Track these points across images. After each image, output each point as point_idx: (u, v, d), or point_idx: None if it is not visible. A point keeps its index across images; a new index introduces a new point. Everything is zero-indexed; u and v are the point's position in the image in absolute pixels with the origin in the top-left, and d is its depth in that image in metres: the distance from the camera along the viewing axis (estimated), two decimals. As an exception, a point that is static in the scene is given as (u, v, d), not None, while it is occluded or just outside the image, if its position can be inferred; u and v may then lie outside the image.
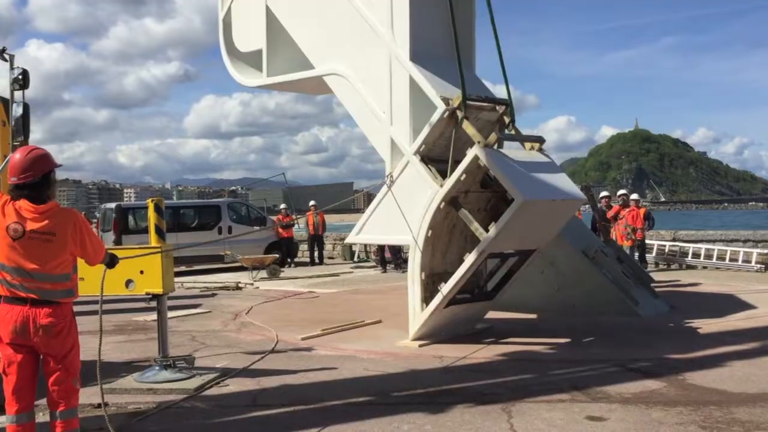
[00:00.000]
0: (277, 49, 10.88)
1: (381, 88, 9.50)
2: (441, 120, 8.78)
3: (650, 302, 11.65)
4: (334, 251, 25.80)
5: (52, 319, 4.50)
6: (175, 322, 11.06)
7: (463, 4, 9.76)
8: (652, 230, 19.12)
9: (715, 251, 18.85)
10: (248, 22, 11.13)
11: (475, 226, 8.58)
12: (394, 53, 9.28)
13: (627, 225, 17.32)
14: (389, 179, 9.40)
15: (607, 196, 18.56)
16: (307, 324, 10.95)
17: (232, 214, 22.68)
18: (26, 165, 4.58)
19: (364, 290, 15.91)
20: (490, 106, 9.24)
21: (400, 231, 9.28)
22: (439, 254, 9.24)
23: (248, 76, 11.49)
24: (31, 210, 4.53)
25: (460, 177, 8.57)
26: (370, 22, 9.56)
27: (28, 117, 6.68)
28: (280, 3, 10.73)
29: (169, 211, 18.71)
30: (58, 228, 4.56)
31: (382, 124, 9.53)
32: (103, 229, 21.23)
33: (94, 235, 4.87)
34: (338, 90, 10.16)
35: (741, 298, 12.85)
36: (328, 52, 10.20)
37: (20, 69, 6.74)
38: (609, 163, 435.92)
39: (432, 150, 9.11)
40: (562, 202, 8.88)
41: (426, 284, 9.10)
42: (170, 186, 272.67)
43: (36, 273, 4.49)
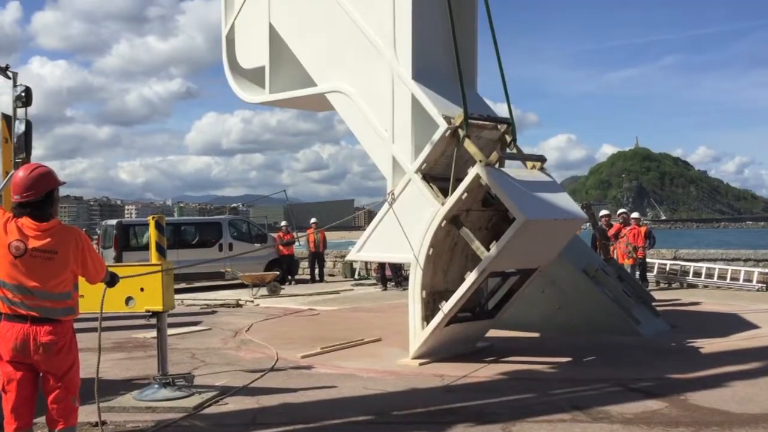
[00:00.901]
0: (279, 66, 10.93)
1: (383, 106, 9.53)
2: (443, 138, 8.80)
3: (651, 321, 11.62)
4: (334, 269, 25.76)
5: (52, 336, 4.49)
6: (175, 340, 11.03)
7: (465, 23, 9.81)
8: (653, 249, 19.10)
9: (716, 270, 18.81)
10: (251, 39, 11.19)
11: (476, 245, 8.58)
12: (397, 71, 9.32)
13: (628, 243, 17.30)
14: (391, 197, 9.41)
15: (607, 215, 18.55)
16: (307, 342, 10.92)
17: (233, 231, 22.68)
18: (29, 183, 4.59)
19: (365, 308, 15.87)
20: (491, 125, 9.26)
21: (401, 249, 9.27)
22: (440, 272, 9.23)
23: (251, 92, 11.54)
24: (33, 228, 4.53)
25: (461, 195, 8.58)
26: (372, 40, 9.61)
27: (31, 134, 6.71)
28: (284, 20, 10.79)
29: (170, 228, 18.76)
30: (60, 246, 4.56)
31: (384, 141, 9.54)
32: (103, 245, 21.22)
33: (96, 254, 4.87)
34: (340, 107, 10.19)
35: (743, 318, 12.81)
36: (330, 69, 10.24)
37: (23, 86, 6.78)
38: (609, 182, 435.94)
39: (433, 168, 9.12)
40: (563, 221, 8.88)
41: (427, 302, 9.08)
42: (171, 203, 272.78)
43: (37, 291, 4.49)
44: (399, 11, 9.30)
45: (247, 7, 11.30)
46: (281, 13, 10.82)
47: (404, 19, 9.25)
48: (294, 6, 10.69)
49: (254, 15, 11.16)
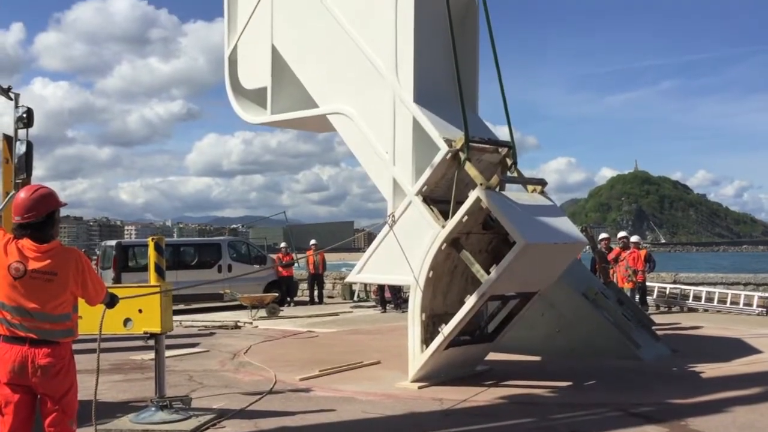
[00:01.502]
0: (281, 87, 10.98)
1: (384, 129, 9.56)
2: (443, 161, 8.82)
3: (651, 345, 11.57)
4: (333, 290, 25.69)
5: (50, 359, 4.46)
6: (173, 362, 10.97)
7: (467, 47, 9.87)
8: (653, 272, 19.06)
9: (716, 294, 18.77)
10: (254, 60, 11.26)
11: (476, 268, 8.56)
12: (398, 94, 9.36)
13: (628, 267, 17.27)
14: (391, 219, 9.40)
15: (606, 238, 18.54)
16: (305, 364, 10.86)
17: (232, 253, 22.65)
18: (30, 204, 4.58)
19: (364, 330, 15.81)
20: (492, 148, 9.29)
21: (401, 271, 9.26)
22: (440, 295, 9.20)
23: (252, 113, 11.59)
24: (33, 249, 4.52)
25: (462, 218, 8.58)
26: (374, 63, 9.66)
27: (31, 155, 6.72)
28: (287, 42, 10.86)
29: (169, 249, 18.71)
30: (60, 268, 4.55)
31: (385, 164, 9.56)
32: (102, 266, 21.18)
33: (96, 276, 4.85)
34: (342, 129, 10.22)
35: (744, 343, 12.77)
36: (332, 91, 10.29)
37: (25, 108, 6.79)
38: (609, 205, 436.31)
39: (434, 191, 9.13)
40: (563, 245, 8.87)
41: (426, 325, 9.05)
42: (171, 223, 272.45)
43: (36, 312, 4.46)
44: (401, 34, 9.37)
45: (250, 28, 11.38)
46: (284, 34, 10.89)
47: (406, 42, 9.31)
48: (297, 28, 10.77)
49: (257, 36, 11.23)
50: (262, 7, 11.18)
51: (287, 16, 10.89)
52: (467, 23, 10.08)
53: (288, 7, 10.88)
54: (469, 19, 10.11)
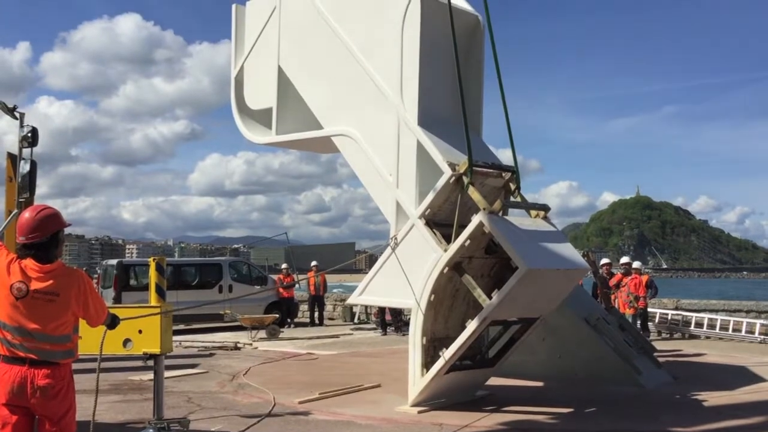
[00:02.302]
0: (286, 108, 11.04)
1: (388, 151, 9.58)
2: (447, 185, 8.83)
3: (653, 372, 11.49)
4: (334, 312, 25.61)
5: (50, 380, 4.43)
6: (172, 383, 10.91)
7: (472, 72, 9.93)
8: (655, 298, 19.00)
9: (718, 321, 18.67)
10: (260, 81, 11.34)
11: (478, 293, 8.53)
12: (403, 117, 9.39)
13: (629, 293, 17.22)
14: (393, 241, 9.40)
15: (608, 264, 18.50)
16: (305, 387, 10.80)
17: (233, 273, 22.59)
18: (35, 225, 4.57)
19: (364, 353, 15.73)
20: (496, 172, 9.30)
21: (402, 294, 9.23)
22: (441, 319, 9.16)
23: (257, 133, 11.65)
24: (36, 269, 4.50)
25: (464, 242, 8.57)
26: (380, 85, 9.71)
27: (35, 174, 6.73)
28: (293, 63, 10.93)
29: (170, 269, 18.70)
30: (62, 288, 4.52)
31: (389, 186, 9.58)
32: (103, 285, 21.12)
33: (98, 297, 4.83)
34: (345, 151, 10.25)
35: (747, 370, 12.68)
36: (337, 113, 10.34)
37: (30, 127, 6.82)
38: (611, 229, 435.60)
39: (437, 214, 9.13)
40: (565, 271, 8.85)
41: (427, 349, 9.00)
42: (172, 243, 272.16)
43: (36, 333, 4.44)
44: (406, 58, 9.42)
45: (256, 49, 11.49)
46: (290, 56, 10.97)
47: (411, 66, 9.36)
48: (303, 49, 10.85)
49: (263, 57, 11.32)
50: (269, 29, 11.28)
51: (294, 37, 10.98)
52: (473, 48, 10.13)
53: (295, 29, 10.97)
54: (475, 44, 10.16)
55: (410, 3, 9.41)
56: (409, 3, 9.41)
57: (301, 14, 10.88)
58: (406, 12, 9.44)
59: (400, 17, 9.49)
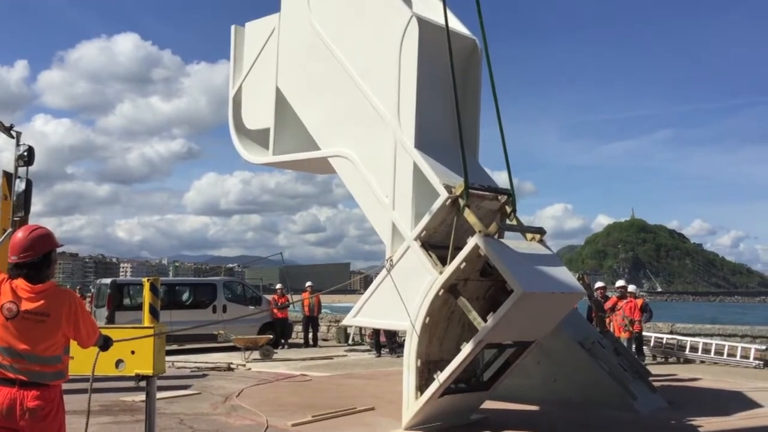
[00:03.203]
0: (284, 129, 11.07)
1: (385, 173, 9.60)
2: (443, 207, 8.83)
3: (648, 397, 11.44)
4: (328, 333, 25.50)
5: (39, 402, 4.37)
6: (164, 404, 10.81)
7: (469, 95, 9.97)
8: (650, 322, 18.96)
9: (713, 346, 18.64)
10: (257, 102, 11.39)
11: (473, 315, 8.51)
12: (400, 139, 9.41)
13: (624, 316, 17.18)
14: (389, 263, 9.38)
15: (602, 287, 18.47)
16: (298, 409, 10.71)
17: (227, 293, 22.50)
18: (27, 244, 4.54)
19: (358, 375, 15.64)
20: (492, 195, 9.31)
21: (397, 316, 9.19)
22: (435, 341, 9.12)
23: (254, 153, 11.67)
24: (27, 289, 4.46)
25: (459, 265, 8.55)
26: (377, 108, 9.74)
27: (30, 193, 6.71)
28: (290, 84, 10.98)
29: (164, 288, 18.63)
30: (53, 309, 4.48)
31: (385, 207, 9.58)
32: (97, 304, 21.02)
33: (89, 317, 4.78)
34: (342, 172, 10.26)
35: (743, 396, 12.62)
36: (334, 134, 10.36)
37: (26, 146, 6.81)
38: (606, 252, 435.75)
39: (433, 236, 9.12)
40: (561, 294, 8.83)
41: (421, 372, 8.95)
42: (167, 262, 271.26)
43: (26, 354, 4.39)
44: (404, 80, 9.46)
45: (255, 70, 11.54)
46: (288, 76, 11.02)
47: (409, 89, 9.40)
48: (301, 71, 10.89)
49: (261, 78, 11.37)
50: (267, 50, 11.34)
51: (292, 59, 11.03)
52: (470, 71, 10.19)
53: (293, 50, 11.03)
54: (472, 68, 10.22)
55: (408, 26, 9.46)
56: (407, 26, 9.47)
57: (300, 36, 10.93)
58: (404, 35, 9.49)
59: (398, 40, 9.54)
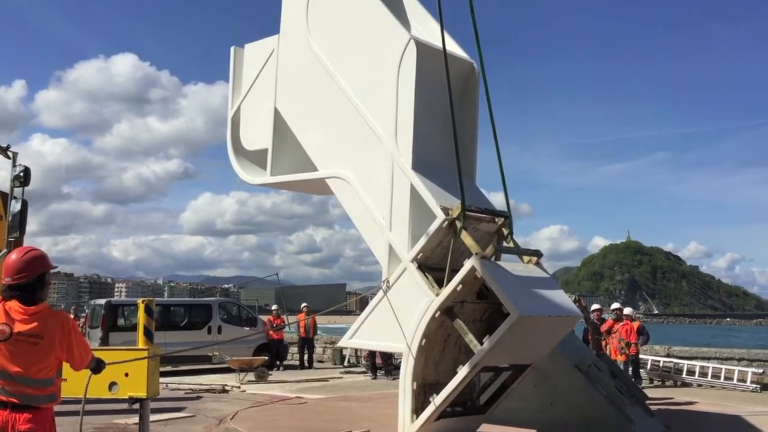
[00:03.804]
0: (282, 149, 11.10)
1: (382, 194, 9.60)
2: (440, 229, 8.82)
3: (645, 421, 11.35)
4: (324, 355, 25.37)
5: (31, 425, 4.33)
6: (157, 426, 10.70)
7: (467, 117, 10.00)
8: (647, 345, 18.91)
9: (710, 369, 18.57)
10: (256, 122, 11.42)
11: (469, 338, 8.47)
12: (397, 161, 9.42)
13: (621, 339, 17.13)
14: (386, 285, 9.35)
15: (598, 309, 18.45)
16: (293, 432, 10.62)
17: (222, 314, 22.42)
18: (21, 266, 4.52)
19: (353, 397, 15.53)
20: (489, 217, 9.31)
21: (393, 338, 9.15)
22: (432, 364, 9.07)
23: (252, 173, 11.68)
24: (20, 311, 4.43)
25: (456, 287, 8.52)
26: (375, 129, 9.76)
27: (26, 213, 6.68)
28: (289, 106, 11.02)
29: (159, 309, 18.50)
30: (46, 331, 4.45)
31: (382, 229, 9.56)
32: (91, 325, 20.91)
33: (82, 340, 4.76)
34: (340, 193, 10.27)
35: (741, 420, 12.54)
36: (332, 155, 10.38)
37: (22, 167, 6.79)
38: (602, 274, 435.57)
39: (429, 258, 9.10)
40: (557, 318, 8.80)
41: (417, 394, 8.89)
42: (162, 282, 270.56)
43: (19, 376, 4.35)
44: (402, 103, 9.49)
45: (253, 91, 11.59)
46: (287, 98, 11.06)
47: (406, 111, 9.42)
48: (300, 92, 10.94)
49: (260, 99, 11.42)
50: (266, 71, 11.40)
51: (291, 80, 11.08)
52: (467, 94, 10.23)
53: (292, 71, 11.08)
54: (470, 90, 10.26)
55: (406, 49, 9.51)
56: (405, 49, 9.52)
57: (299, 57, 10.98)
58: (401, 57, 9.54)
59: (396, 63, 9.58)
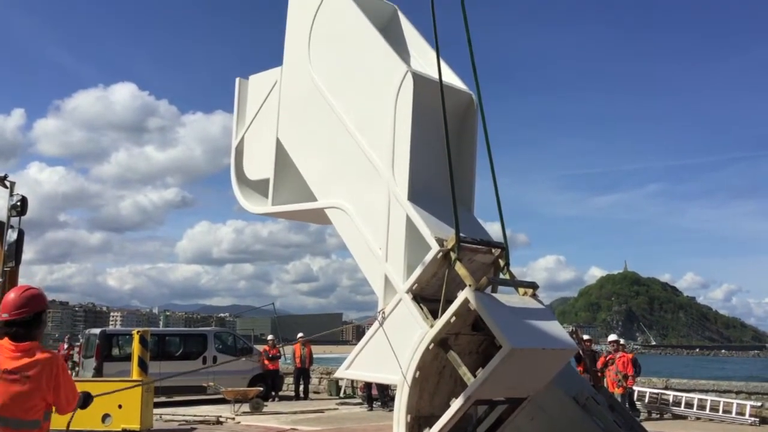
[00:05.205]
0: (283, 179, 11.15)
1: (379, 225, 9.60)
2: (434, 260, 8.81)
3: (643, 455, 11.26)
4: (320, 385, 25.22)
5: None
6: (151, 458, 10.59)
7: (465, 148, 10.04)
8: (645, 377, 18.84)
9: (708, 402, 18.48)
10: (259, 152, 11.49)
11: (463, 371, 8.40)
12: (393, 192, 9.44)
13: (617, 371, 17.05)
14: (381, 315, 9.31)
15: (588, 340, 18.44)
16: (288, 465, 10.52)
17: (218, 344, 22.32)
18: (21, 302, 4.49)
19: (349, 429, 15.42)
20: (485, 248, 9.29)
21: (389, 369, 9.07)
22: (426, 396, 9.00)
23: (254, 203, 11.74)
24: (11, 349, 4.39)
25: (449, 319, 8.48)
26: (372, 160, 9.79)
27: (22, 243, 6.66)
28: (290, 136, 11.08)
29: (153, 339, 18.39)
30: (34, 369, 4.38)
31: (378, 259, 9.56)
32: (85, 355, 20.79)
33: (70, 382, 4.66)
34: (338, 223, 10.29)
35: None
36: (331, 185, 10.41)
37: (19, 196, 6.79)
38: (599, 304, 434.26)
39: (425, 289, 9.07)
40: (552, 350, 8.74)
41: (411, 427, 8.79)
42: (158, 311, 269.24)
43: (3, 418, 4.25)
44: (398, 134, 9.53)
45: (257, 121, 11.69)
46: (288, 128, 11.14)
47: (403, 142, 9.46)
48: (301, 123, 11.01)
49: (263, 129, 11.50)
50: (269, 102, 11.50)
51: (292, 111, 11.16)
52: (466, 125, 10.26)
53: (293, 102, 11.17)
54: (468, 121, 10.30)
55: (403, 81, 9.58)
56: (403, 81, 9.59)
57: (300, 89, 11.07)
58: (399, 89, 9.60)
59: (394, 94, 9.64)
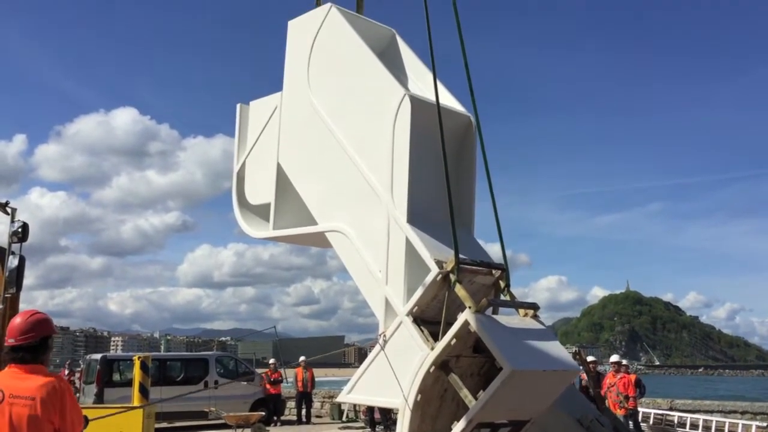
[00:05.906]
0: (284, 204, 11.17)
1: (379, 248, 9.61)
2: (434, 282, 8.80)
3: (648, 477, 11.19)
4: (322, 409, 25.09)
5: None
6: (152, 484, 10.52)
7: (465, 169, 10.07)
8: (649, 398, 18.75)
9: (713, 423, 18.36)
10: (260, 177, 11.53)
11: (464, 393, 8.36)
12: (393, 215, 9.46)
13: (619, 393, 16.96)
14: (382, 339, 9.29)
15: (594, 361, 18.34)
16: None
17: (219, 368, 22.25)
18: (27, 327, 4.51)
19: (351, 453, 15.31)
20: (485, 270, 9.29)
21: (391, 393, 9.03)
22: (428, 420, 8.95)
23: (255, 227, 11.76)
24: (17, 373, 4.38)
25: (450, 341, 8.45)
26: (372, 183, 9.82)
27: (23, 269, 6.68)
28: (291, 160, 11.13)
29: (155, 364, 18.41)
30: (40, 393, 4.37)
31: (378, 283, 9.55)
32: (86, 381, 20.73)
33: (77, 407, 4.65)
34: (338, 246, 10.29)
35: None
36: (331, 209, 10.44)
37: (20, 222, 6.80)
38: (602, 324, 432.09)
39: (425, 312, 9.06)
40: (554, 372, 8.70)
41: (414, 452, 8.74)
42: (159, 335, 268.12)
43: None
44: (397, 157, 9.56)
45: (258, 146, 11.74)
46: (289, 153, 11.19)
47: (401, 165, 9.49)
48: (301, 147, 11.05)
49: (264, 154, 11.55)
50: (270, 127, 11.56)
51: (292, 135, 11.21)
52: (465, 147, 10.29)
53: (294, 127, 11.22)
54: (467, 143, 10.33)
55: (401, 104, 9.63)
56: (400, 104, 9.64)
57: (300, 113, 11.13)
58: (397, 113, 9.65)
59: (392, 118, 9.69)
